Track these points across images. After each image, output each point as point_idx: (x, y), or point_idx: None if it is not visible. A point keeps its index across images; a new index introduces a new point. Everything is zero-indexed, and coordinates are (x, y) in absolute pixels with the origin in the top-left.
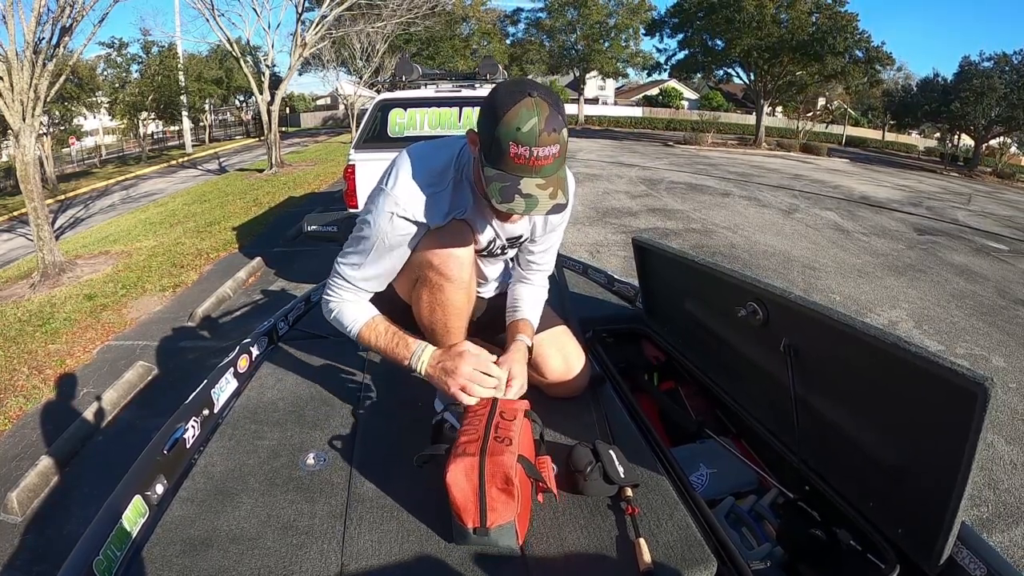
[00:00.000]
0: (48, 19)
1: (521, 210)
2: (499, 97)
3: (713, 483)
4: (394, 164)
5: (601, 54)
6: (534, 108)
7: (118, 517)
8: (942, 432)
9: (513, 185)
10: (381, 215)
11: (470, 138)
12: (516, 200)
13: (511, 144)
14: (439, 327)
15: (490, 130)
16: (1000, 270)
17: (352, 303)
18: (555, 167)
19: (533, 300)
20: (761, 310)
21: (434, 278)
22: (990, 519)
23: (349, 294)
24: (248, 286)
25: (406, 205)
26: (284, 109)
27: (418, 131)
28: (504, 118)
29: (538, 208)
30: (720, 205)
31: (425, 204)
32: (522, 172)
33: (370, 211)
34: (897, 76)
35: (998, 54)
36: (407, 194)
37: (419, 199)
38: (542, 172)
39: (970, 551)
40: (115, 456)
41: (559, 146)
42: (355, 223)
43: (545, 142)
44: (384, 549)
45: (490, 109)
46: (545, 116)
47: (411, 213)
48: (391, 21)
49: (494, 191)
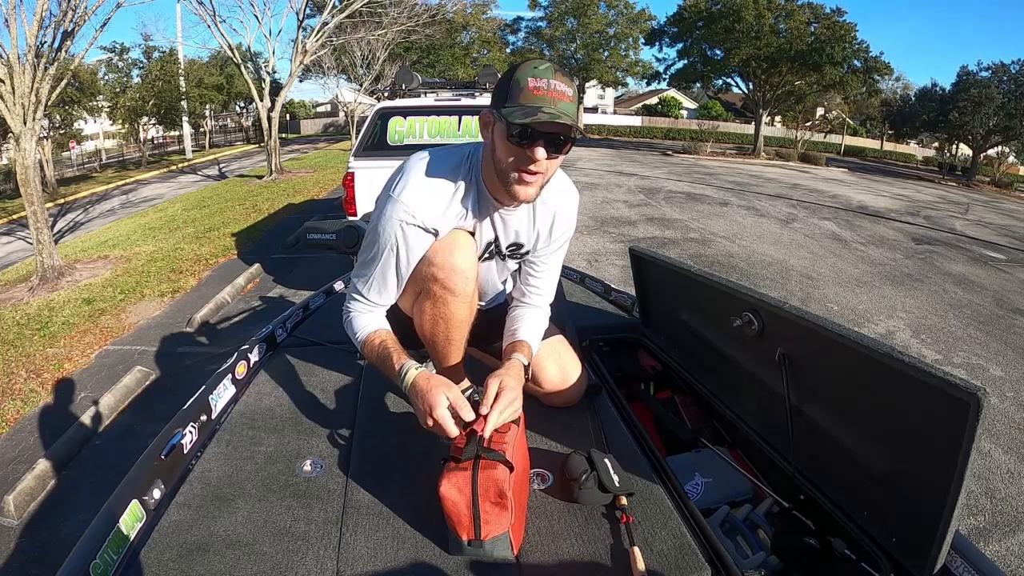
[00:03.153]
0: (50, 23)
1: (546, 117)
2: (514, 64)
3: (708, 492)
4: (402, 170)
5: (600, 63)
6: (546, 62)
7: (115, 521)
8: (936, 442)
9: (534, 109)
10: (389, 223)
11: (483, 120)
12: (539, 114)
13: (529, 80)
14: (440, 339)
15: (507, 81)
16: (998, 279)
17: (362, 314)
18: (571, 108)
19: (532, 323)
20: (756, 320)
21: (438, 291)
22: (987, 528)
23: (363, 306)
24: (247, 292)
25: (415, 211)
26: (284, 115)
27: (417, 139)
28: (521, 66)
29: (562, 119)
30: (718, 214)
31: (434, 210)
32: (541, 102)
33: (379, 220)
34: (895, 86)
35: (996, 64)
36: (416, 200)
37: (428, 205)
38: (559, 106)
39: (964, 560)
40: (112, 460)
41: (572, 91)
42: (352, 230)
43: (561, 80)
44: (380, 556)
45: (506, 72)
46: (555, 68)
47: (421, 220)
48: (392, 29)
49: (515, 116)
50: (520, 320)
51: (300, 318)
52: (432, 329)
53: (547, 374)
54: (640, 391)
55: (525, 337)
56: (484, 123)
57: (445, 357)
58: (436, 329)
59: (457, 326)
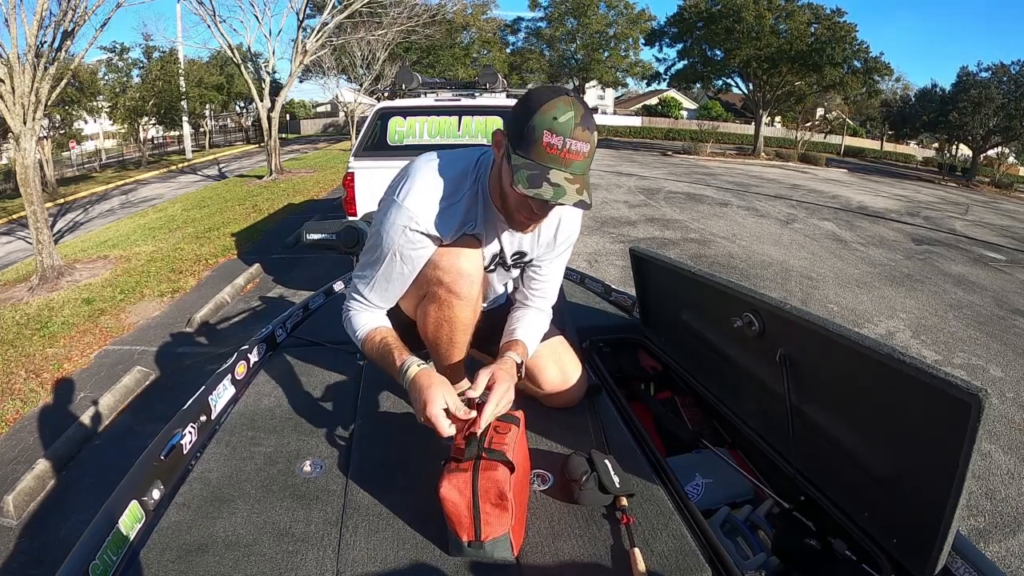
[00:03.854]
0: (50, 23)
1: (548, 196)
2: (536, 93)
3: (708, 493)
4: (406, 173)
5: (600, 64)
6: (571, 105)
7: (115, 522)
8: (936, 443)
9: (542, 174)
10: (393, 228)
11: (495, 139)
12: (544, 187)
13: (545, 132)
14: (444, 342)
15: (524, 120)
16: (998, 280)
17: (362, 312)
18: (583, 166)
19: (531, 324)
20: (757, 321)
21: (443, 295)
22: (987, 529)
23: (362, 305)
24: (246, 292)
25: (420, 218)
26: (284, 116)
27: (417, 139)
28: (542, 108)
29: (565, 197)
30: (718, 215)
31: (439, 217)
32: (552, 163)
33: (381, 223)
34: (895, 87)
35: (996, 64)
36: (421, 206)
37: (433, 211)
38: (571, 167)
39: (965, 561)
40: (112, 460)
41: (590, 146)
42: (351, 230)
43: (579, 136)
44: (379, 557)
45: (525, 102)
46: (581, 114)
47: (425, 227)
48: (392, 29)
49: (521, 178)
50: (519, 321)
51: (300, 318)
52: (436, 332)
53: (547, 375)
54: (640, 391)
55: (522, 337)
56: (496, 142)
57: (447, 359)
58: (440, 332)
59: (461, 329)
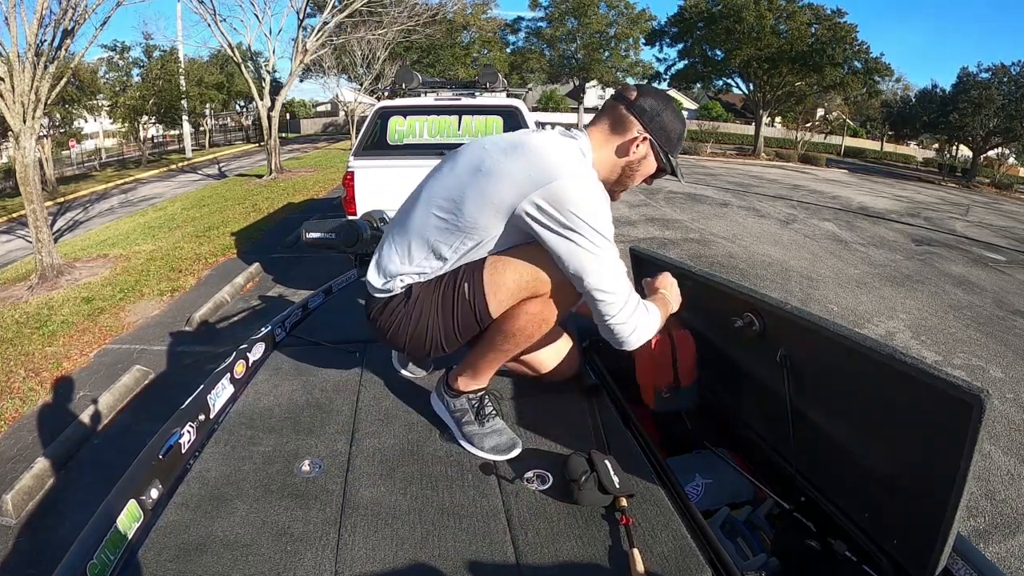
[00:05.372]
0: (50, 22)
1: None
2: (673, 104)
3: (709, 494)
4: (562, 160)
5: (601, 63)
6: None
7: (113, 521)
8: (938, 443)
9: (678, 162)
10: (596, 203)
11: (638, 139)
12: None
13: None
14: (522, 340)
15: (674, 126)
16: (998, 281)
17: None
18: None
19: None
20: (757, 321)
21: (560, 302)
22: (987, 530)
23: (636, 297)
24: (246, 292)
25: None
26: (284, 115)
27: (417, 139)
28: (683, 123)
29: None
30: (718, 215)
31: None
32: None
33: (595, 211)
34: (896, 87)
35: (996, 65)
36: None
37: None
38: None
39: (965, 562)
40: (111, 459)
41: None
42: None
43: None
44: (378, 557)
45: (674, 113)
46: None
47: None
48: (392, 28)
49: (679, 170)
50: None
51: (299, 317)
52: (525, 328)
53: (540, 358)
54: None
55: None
56: (638, 141)
57: (504, 356)
58: (529, 329)
59: (545, 333)
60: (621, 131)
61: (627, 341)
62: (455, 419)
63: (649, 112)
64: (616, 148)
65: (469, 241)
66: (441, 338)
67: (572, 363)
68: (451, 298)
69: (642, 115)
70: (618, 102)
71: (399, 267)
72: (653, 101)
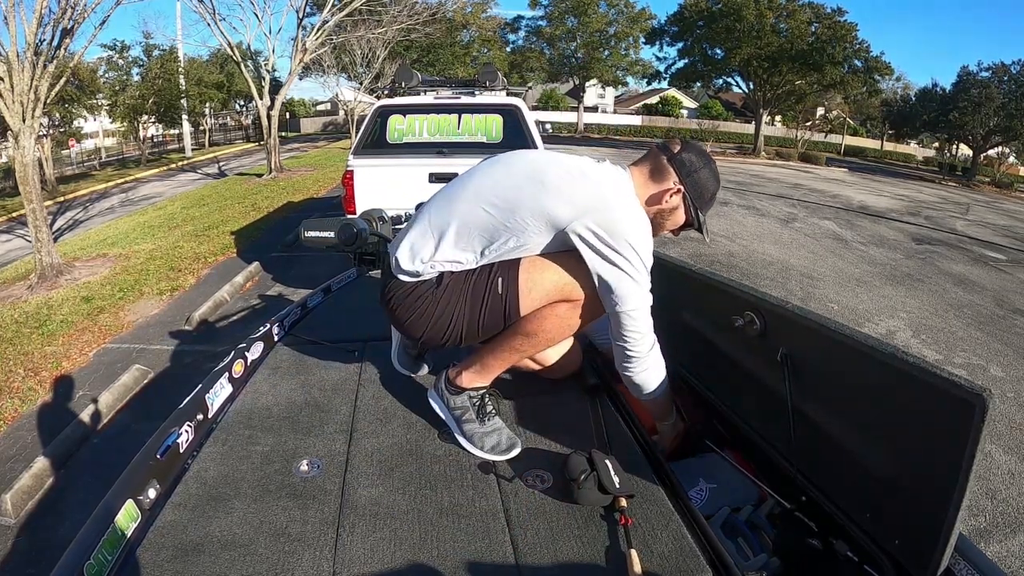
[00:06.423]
0: (49, 21)
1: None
2: (712, 165)
3: (709, 494)
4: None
5: (601, 62)
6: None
7: (110, 521)
8: (939, 443)
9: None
10: (646, 238)
11: (673, 189)
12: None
13: (713, 198)
14: (542, 343)
15: (711, 185)
16: (998, 280)
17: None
18: None
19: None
20: (758, 320)
21: (587, 311)
22: (988, 529)
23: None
24: (245, 291)
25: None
26: (284, 114)
27: (417, 138)
28: (718, 180)
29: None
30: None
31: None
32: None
33: (639, 240)
34: (896, 86)
35: (996, 64)
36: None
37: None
38: None
39: (967, 562)
40: (111, 459)
41: None
42: (350, 228)
43: None
44: (376, 557)
45: (711, 173)
46: None
47: None
48: (391, 27)
49: (706, 229)
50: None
51: (298, 317)
52: (550, 330)
53: (547, 355)
54: None
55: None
56: (672, 191)
57: (518, 356)
58: (553, 332)
59: (566, 338)
60: (658, 179)
61: (635, 375)
62: (455, 416)
63: (688, 167)
64: (651, 195)
65: (512, 242)
66: (462, 330)
67: (574, 360)
68: (482, 291)
69: (681, 168)
70: (661, 151)
71: (434, 253)
72: (694, 157)
